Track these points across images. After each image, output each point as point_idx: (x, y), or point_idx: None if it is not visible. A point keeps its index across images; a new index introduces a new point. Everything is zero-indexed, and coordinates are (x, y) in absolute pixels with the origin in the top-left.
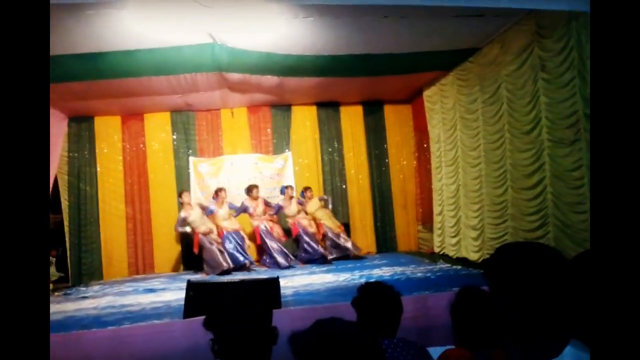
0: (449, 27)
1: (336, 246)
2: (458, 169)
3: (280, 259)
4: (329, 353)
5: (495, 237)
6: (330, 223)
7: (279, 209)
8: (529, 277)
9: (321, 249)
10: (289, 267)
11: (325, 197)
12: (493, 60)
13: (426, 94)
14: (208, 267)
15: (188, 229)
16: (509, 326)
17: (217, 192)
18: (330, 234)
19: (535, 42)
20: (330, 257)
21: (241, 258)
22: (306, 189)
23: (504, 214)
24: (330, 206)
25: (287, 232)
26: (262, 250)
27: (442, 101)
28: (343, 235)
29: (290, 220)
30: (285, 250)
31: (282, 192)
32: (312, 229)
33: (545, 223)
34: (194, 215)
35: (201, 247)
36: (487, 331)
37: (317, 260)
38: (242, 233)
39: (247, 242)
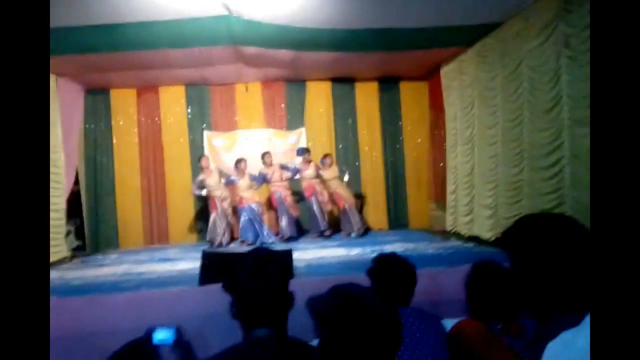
0: (471, 0)
1: (348, 221)
2: (474, 147)
3: (286, 229)
4: (349, 317)
5: (510, 217)
6: (345, 193)
7: (296, 172)
8: (551, 247)
9: (323, 222)
10: (289, 239)
11: (345, 169)
12: (515, 36)
13: (444, 70)
14: (209, 232)
15: (204, 192)
16: (529, 298)
17: (237, 164)
18: (347, 207)
19: (560, 17)
20: (328, 232)
21: (250, 236)
22: (326, 155)
23: (519, 193)
24: (346, 178)
25: (299, 200)
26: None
27: (460, 78)
28: (354, 209)
29: (304, 183)
30: (292, 222)
31: (299, 153)
32: (323, 197)
33: (562, 202)
34: (211, 179)
35: (212, 213)
36: (501, 304)
37: (316, 232)
38: (260, 208)
39: (264, 216)
